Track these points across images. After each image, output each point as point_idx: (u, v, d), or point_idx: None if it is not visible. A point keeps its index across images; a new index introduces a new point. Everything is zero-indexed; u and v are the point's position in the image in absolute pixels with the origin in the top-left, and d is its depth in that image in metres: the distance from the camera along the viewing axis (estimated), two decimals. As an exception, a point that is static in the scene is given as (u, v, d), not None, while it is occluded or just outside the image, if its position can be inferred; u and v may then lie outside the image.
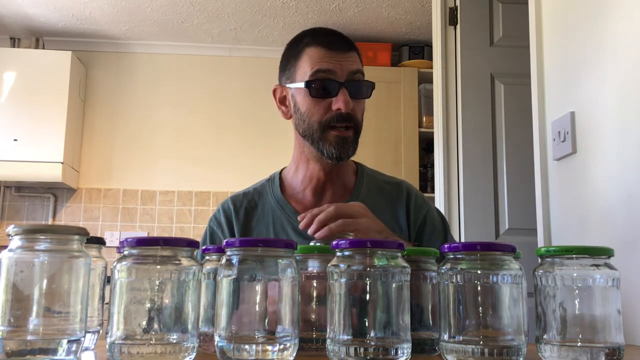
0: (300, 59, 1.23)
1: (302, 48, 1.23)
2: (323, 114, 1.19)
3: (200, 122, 3.88)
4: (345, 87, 1.18)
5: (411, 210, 1.30)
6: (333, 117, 1.18)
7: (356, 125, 1.21)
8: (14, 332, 0.64)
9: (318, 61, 1.19)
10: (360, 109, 1.23)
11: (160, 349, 0.66)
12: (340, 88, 1.18)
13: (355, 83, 1.20)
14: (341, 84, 1.18)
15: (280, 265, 0.69)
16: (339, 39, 1.24)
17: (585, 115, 1.43)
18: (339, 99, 1.17)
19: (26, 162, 3.40)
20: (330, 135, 1.19)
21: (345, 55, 1.20)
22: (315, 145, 1.21)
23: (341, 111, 1.17)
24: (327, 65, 1.19)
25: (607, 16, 1.37)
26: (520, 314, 0.70)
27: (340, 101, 1.17)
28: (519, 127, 2.53)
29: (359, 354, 0.66)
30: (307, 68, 1.20)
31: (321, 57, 1.20)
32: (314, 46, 1.21)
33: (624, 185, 1.26)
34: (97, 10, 3.45)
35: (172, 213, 3.78)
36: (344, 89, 1.18)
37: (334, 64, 1.19)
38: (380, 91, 3.50)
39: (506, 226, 2.56)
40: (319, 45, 1.21)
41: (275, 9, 3.42)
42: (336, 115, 1.18)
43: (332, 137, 1.19)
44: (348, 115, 1.18)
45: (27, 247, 0.66)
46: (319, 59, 1.20)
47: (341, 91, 1.18)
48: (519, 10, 2.42)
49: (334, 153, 1.20)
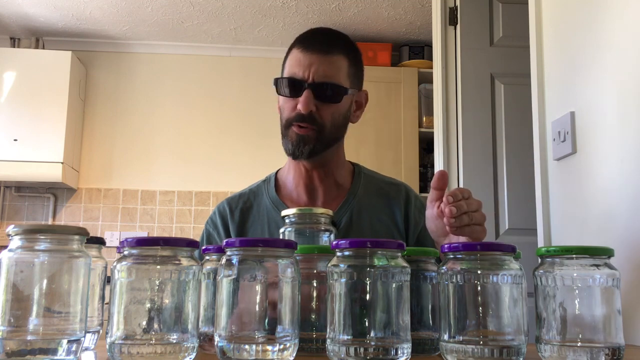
0: (287, 59, 1.26)
1: (290, 49, 1.26)
2: (289, 112, 1.22)
3: (200, 122, 3.88)
4: (310, 89, 1.19)
5: (411, 214, 1.30)
6: (294, 117, 1.20)
7: (319, 127, 1.20)
8: (14, 332, 0.64)
9: (293, 62, 1.22)
10: (329, 112, 1.21)
11: (160, 349, 0.66)
12: (305, 89, 1.19)
13: (322, 85, 1.19)
14: (306, 85, 1.19)
15: (280, 265, 0.69)
16: (322, 39, 1.24)
17: (585, 115, 1.43)
18: (300, 99, 1.19)
19: (26, 162, 3.40)
20: (291, 131, 1.22)
21: (321, 57, 1.20)
22: (283, 141, 1.24)
23: (300, 111, 1.19)
24: (298, 66, 1.21)
25: (607, 16, 1.37)
26: (520, 314, 0.70)
27: (300, 101, 1.19)
28: (519, 127, 2.53)
29: (359, 354, 0.66)
30: (286, 68, 1.24)
31: (296, 58, 1.22)
32: (296, 47, 1.24)
33: (624, 185, 1.26)
34: (97, 10, 3.45)
35: (172, 213, 3.78)
36: (308, 90, 1.19)
37: (305, 66, 1.20)
38: (380, 91, 3.50)
39: (506, 226, 2.56)
40: (299, 46, 1.23)
41: (275, 9, 3.42)
42: (296, 115, 1.20)
43: (292, 134, 1.21)
44: (309, 116, 1.19)
45: (27, 247, 0.66)
46: (294, 60, 1.22)
47: (305, 92, 1.19)
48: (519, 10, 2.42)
49: (289, 149, 1.23)
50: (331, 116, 1.22)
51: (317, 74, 1.19)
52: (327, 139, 1.23)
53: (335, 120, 1.23)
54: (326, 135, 1.22)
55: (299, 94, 1.19)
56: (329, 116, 1.21)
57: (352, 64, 1.25)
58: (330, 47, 1.22)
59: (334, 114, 1.22)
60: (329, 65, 1.21)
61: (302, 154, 1.21)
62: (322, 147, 1.23)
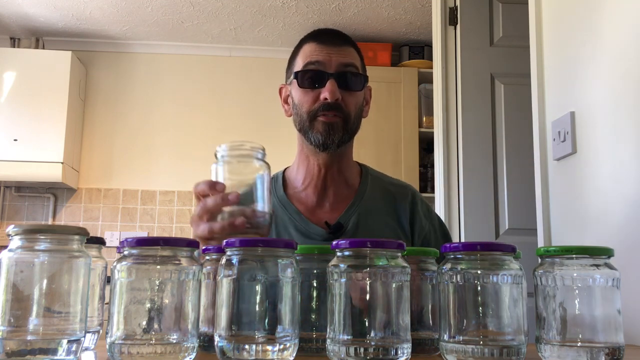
0: (297, 55, 1.26)
1: (300, 45, 1.27)
2: (312, 104, 1.21)
3: (200, 122, 3.88)
4: (333, 78, 1.19)
5: (416, 218, 1.29)
6: (320, 106, 1.20)
7: (345, 116, 1.21)
8: (14, 332, 0.64)
9: (310, 54, 1.23)
10: (353, 102, 1.22)
11: (160, 349, 0.66)
12: (329, 78, 1.19)
13: (345, 74, 1.21)
14: (329, 75, 1.20)
15: (280, 265, 0.69)
16: (333, 34, 1.27)
17: (585, 115, 1.43)
18: (326, 89, 1.19)
19: (26, 162, 3.40)
20: (318, 122, 1.21)
21: (337, 49, 1.22)
22: (306, 136, 1.23)
23: (327, 100, 1.18)
24: (317, 57, 1.21)
25: (606, 16, 1.37)
26: (520, 314, 0.70)
27: (326, 90, 1.18)
28: (519, 127, 2.53)
29: (359, 354, 0.66)
30: (300, 62, 1.24)
31: (313, 50, 1.23)
32: (309, 42, 1.25)
33: (624, 185, 1.26)
34: (97, 10, 3.45)
35: (172, 213, 3.78)
36: (332, 79, 1.19)
37: (323, 56, 1.21)
38: (380, 91, 3.50)
39: (506, 226, 2.56)
40: (313, 40, 1.25)
41: (275, 9, 3.42)
42: (323, 104, 1.19)
43: (319, 124, 1.20)
44: (335, 104, 1.19)
45: (27, 247, 0.66)
46: (310, 52, 1.23)
47: (329, 81, 1.19)
48: (519, 10, 2.42)
49: (319, 139, 1.21)
50: (354, 106, 1.23)
51: (339, 64, 1.21)
52: (351, 130, 1.23)
53: (358, 111, 1.25)
54: (351, 126, 1.23)
55: (322, 85, 1.19)
56: (352, 105, 1.22)
57: (361, 58, 1.28)
58: (343, 41, 1.25)
59: (356, 103, 1.24)
60: (346, 56, 1.23)
61: (332, 142, 1.21)
62: (348, 138, 1.23)
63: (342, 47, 1.23)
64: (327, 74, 1.20)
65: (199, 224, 0.94)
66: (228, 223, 0.90)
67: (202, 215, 0.94)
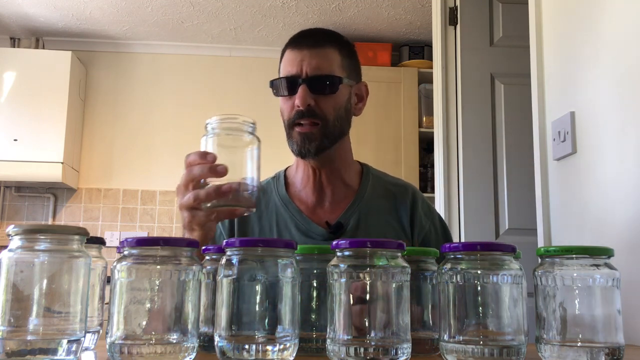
0: (280, 63, 1.25)
1: (282, 52, 1.25)
2: (289, 112, 1.20)
3: (200, 122, 3.85)
4: (305, 84, 1.17)
5: (417, 217, 1.29)
6: (295, 114, 1.19)
7: (322, 121, 1.19)
8: (14, 332, 0.64)
9: (286, 62, 1.22)
10: (330, 104, 1.20)
11: (160, 349, 0.66)
12: (300, 85, 1.18)
13: (317, 78, 1.18)
14: (301, 81, 1.18)
15: (280, 265, 0.69)
16: (310, 35, 1.24)
17: (585, 115, 1.43)
18: (297, 96, 1.17)
19: (26, 162, 3.40)
20: (294, 132, 1.20)
21: (311, 51, 1.20)
22: (289, 143, 1.23)
23: (299, 107, 1.17)
24: (291, 64, 1.20)
25: (606, 16, 1.37)
26: (520, 314, 0.70)
27: (296, 97, 1.17)
28: (519, 127, 2.53)
29: (359, 354, 0.66)
30: (280, 71, 1.24)
31: (288, 58, 1.21)
32: (288, 48, 1.23)
33: (624, 185, 1.26)
34: (97, 10, 3.45)
35: (172, 213, 3.77)
36: (304, 85, 1.17)
37: (297, 63, 1.19)
38: (380, 91, 3.50)
39: (506, 226, 2.56)
40: (289, 46, 1.23)
41: (275, 9, 3.42)
42: (296, 112, 1.18)
43: (295, 134, 1.20)
44: (308, 111, 1.17)
45: (27, 247, 0.66)
46: (287, 60, 1.22)
47: (300, 88, 1.17)
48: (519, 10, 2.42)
49: (295, 149, 1.21)
50: (332, 108, 1.20)
51: (310, 68, 1.18)
52: (332, 133, 1.21)
53: (338, 113, 1.21)
54: (331, 129, 1.20)
55: (296, 91, 1.18)
56: (329, 108, 1.20)
57: (346, 56, 1.25)
58: (319, 41, 1.22)
59: (334, 106, 1.21)
60: (320, 58, 1.20)
61: (309, 152, 1.20)
62: (329, 142, 1.21)
63: (317, 49, 1.20)
64: (299, 80, 1.18)
65: (185, 193, 0.93)
66: (214, 188, 0.89)
67: (187, 184, 0.93)
